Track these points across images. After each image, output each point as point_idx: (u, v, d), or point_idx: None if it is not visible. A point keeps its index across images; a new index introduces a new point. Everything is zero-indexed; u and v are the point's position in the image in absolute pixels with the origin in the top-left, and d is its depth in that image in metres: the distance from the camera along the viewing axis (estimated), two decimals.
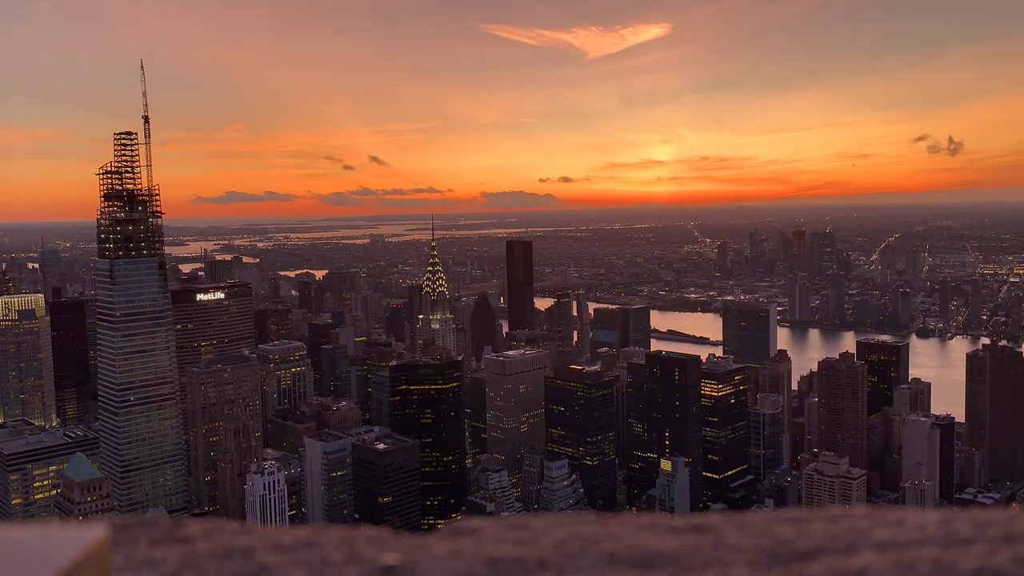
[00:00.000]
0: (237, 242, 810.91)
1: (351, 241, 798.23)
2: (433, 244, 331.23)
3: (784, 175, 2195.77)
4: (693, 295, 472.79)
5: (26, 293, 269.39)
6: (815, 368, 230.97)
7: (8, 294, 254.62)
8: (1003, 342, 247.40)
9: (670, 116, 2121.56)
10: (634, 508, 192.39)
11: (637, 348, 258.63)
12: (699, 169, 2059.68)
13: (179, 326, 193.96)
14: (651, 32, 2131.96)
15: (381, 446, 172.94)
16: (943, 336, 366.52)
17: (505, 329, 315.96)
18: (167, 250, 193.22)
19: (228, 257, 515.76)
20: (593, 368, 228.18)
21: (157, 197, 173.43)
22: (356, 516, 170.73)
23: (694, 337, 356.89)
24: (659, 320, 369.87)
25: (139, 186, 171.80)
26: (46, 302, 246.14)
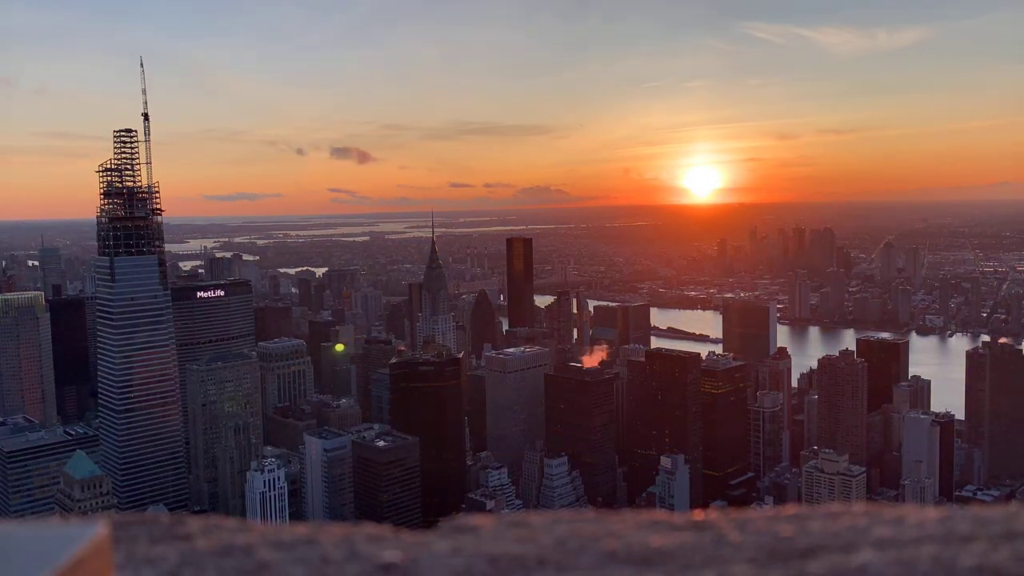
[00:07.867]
0: (237, 239, 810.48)
1: (351, 239, 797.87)
2: (433, 242, 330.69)
3: (834, 177, 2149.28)
4: (693, 292, 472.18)
5: (26, 290, 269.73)
6: (815, 365, 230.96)
7: (8, 291, 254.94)
8: (1003, 339, 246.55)
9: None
10: (634, 505, 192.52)
11: (637, 346, 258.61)
12: (772, 168, 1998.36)
13: (179, 323, 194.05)
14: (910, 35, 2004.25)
15: (381, 444, 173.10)
16: (943, 334, 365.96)
17: (505, 326, 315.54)
18: (167, 247, 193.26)
19: (228, 255, 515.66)
20: (593, 366, 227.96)
21: (157, 195, 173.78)
22: (356, 514, 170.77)
23: (694, 335, 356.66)
24: (659, 317, 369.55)
25: (139, 183, 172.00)
26: (46, 299, 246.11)
